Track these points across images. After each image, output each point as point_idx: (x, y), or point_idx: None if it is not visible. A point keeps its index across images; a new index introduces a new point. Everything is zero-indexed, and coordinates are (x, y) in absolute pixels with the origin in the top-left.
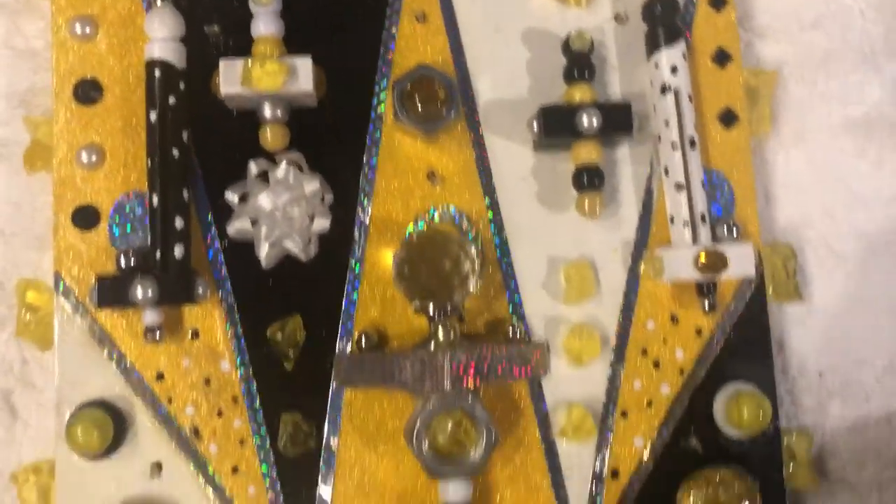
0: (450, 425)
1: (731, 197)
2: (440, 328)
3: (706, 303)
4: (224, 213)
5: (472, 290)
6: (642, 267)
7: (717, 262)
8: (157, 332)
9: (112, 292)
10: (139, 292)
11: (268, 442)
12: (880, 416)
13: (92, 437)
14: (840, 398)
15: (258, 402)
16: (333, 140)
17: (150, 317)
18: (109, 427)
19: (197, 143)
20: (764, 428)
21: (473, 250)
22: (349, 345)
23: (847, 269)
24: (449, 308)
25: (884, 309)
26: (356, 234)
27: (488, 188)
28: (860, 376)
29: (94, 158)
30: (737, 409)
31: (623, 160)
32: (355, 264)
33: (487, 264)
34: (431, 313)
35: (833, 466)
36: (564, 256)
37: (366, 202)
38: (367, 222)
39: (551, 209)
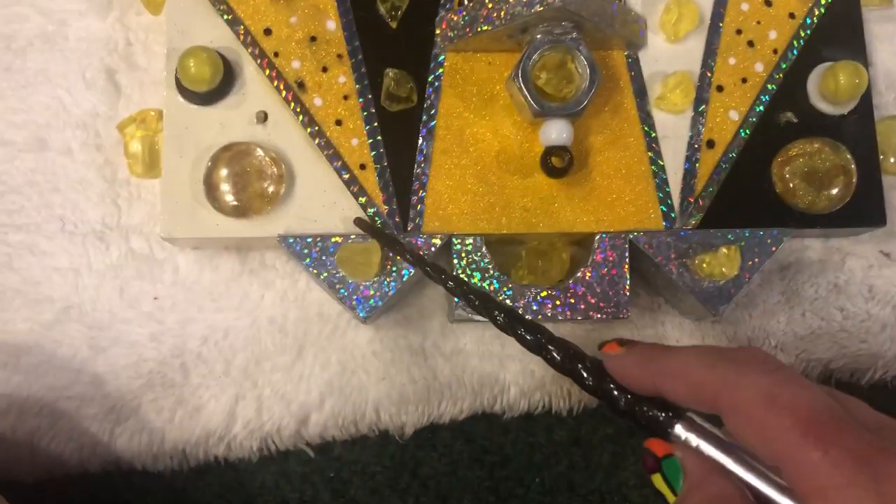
0: (555, 62)
1: None
2: None
3: None
4: None
5: None
6: None
7: None
8: None
9: None
10: None
11: (371, 97)
12: None
13: (204, 69)
14: None
15: (362, 58)
16: None
17: None
18: (220, 66)
19: None
20: (860, 95)
21: None
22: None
23: None
24: None
25: None
26: None
27: None
28: None
29: None
30: (833, 79)
31: None
32: None
33: None
34: None
35: None
36: None
37: None
38: None
39: None
